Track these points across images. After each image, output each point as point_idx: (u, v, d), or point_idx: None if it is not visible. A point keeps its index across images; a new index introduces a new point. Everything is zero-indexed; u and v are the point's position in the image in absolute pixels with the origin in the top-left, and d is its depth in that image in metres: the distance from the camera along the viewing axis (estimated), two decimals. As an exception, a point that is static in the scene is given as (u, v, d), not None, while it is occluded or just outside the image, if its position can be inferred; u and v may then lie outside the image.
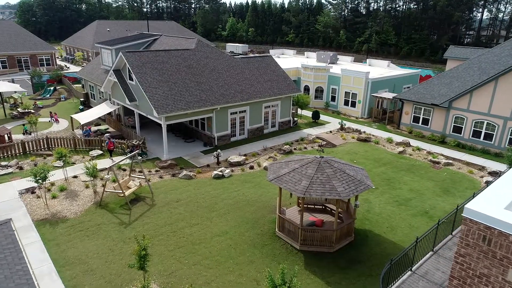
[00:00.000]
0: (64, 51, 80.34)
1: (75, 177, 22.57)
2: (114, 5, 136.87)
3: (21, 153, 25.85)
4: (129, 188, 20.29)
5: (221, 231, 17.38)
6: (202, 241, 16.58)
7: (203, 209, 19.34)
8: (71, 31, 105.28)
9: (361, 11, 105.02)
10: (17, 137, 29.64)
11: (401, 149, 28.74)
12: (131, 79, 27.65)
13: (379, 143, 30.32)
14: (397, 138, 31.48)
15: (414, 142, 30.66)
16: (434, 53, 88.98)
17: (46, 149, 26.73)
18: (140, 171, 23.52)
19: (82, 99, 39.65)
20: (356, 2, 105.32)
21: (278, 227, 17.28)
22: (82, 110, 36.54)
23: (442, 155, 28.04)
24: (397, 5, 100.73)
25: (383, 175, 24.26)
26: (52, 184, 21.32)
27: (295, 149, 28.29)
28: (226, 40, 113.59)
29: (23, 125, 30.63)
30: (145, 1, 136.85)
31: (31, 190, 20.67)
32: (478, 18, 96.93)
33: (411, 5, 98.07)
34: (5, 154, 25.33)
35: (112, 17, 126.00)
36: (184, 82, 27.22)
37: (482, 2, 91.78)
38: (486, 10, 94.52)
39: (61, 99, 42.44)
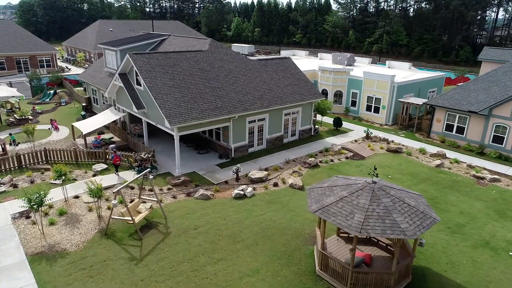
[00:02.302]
0: (65, 51, 77.64)
1: (76, 197, 19.74)
2: (116, 5, 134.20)
3: (16, 167, 23.04)
4: (139, 212, 17.46)
5: (250, 270, 14.52)
6: (230, 284, 13.72)
7: (226, 239, 16.50)
8: (73, 31, 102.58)
9: (370, 10, 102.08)
10: (12, 147, 26.85)
11: (437, 161, 25.85)
12: (139, 84, 24.85)
13: (412, 155, 27.43)
14: (430, 149, 28.59)
15: (450, 154, 27.77)
16: (446, 54, 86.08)
17: (44, 162, 23.93)
18: (150, 190, 20.68)
19: (84, 104, 36.85)
20: (365, 1, 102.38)
21: (319, 265, 14.41)
22: (84, 117, 33.70)
23: (485, 169, 25.14)
24: (408, 4, 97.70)
25: (425, 193, 21.37)
26: (50, 206, 18.50)
27: (320, 161, 25.42)
28: (231, 40, 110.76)
29: (10, 134, 27.76)
30: (148, 0, 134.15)
31: (26, 214, 17.85)
32: (492, 17, 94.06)
33: (423, 4, 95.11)
34: (-2, 169, 22.56)
35: (114, 17, 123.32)
36: (198, 88, 24.39)
37: (497, 1, 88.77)
38: (501, 9, 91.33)
39: (62, 104, 39.65)
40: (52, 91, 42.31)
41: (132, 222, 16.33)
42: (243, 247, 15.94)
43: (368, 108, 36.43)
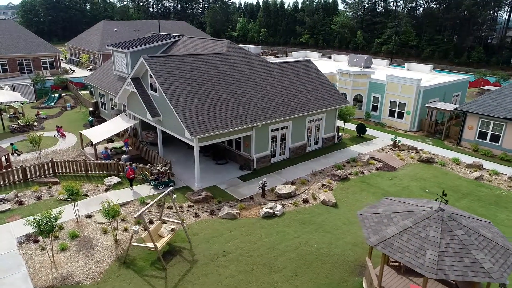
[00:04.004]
0: (68, 52, 75.72)
1: (89, 216, 17.82)
2: (119, 5, 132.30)
3: (21, 181, 21.13)
4: (161, 236, 15.53)
5: (294, 308, 12.62)
6: (274, 328, 11.82)
7: (260, 268, 14.57)
8: (75, 31, 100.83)
9: (379, 10, 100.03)
10: (16, 157, 24.95)
11: (476, 173, 23.92)
12: (153, 89, 22.95)
13: (446, 165, 25.50)
14: (464, 158, 26.65)
15: (486, 164, 25.83)
16: (458, 55, 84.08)
17: (52, 174, 22.04)
18: (169, 207, 18.77)
19: (91, 109, 34.94)
20: (373, 1, 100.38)
21: (375, 304, 12.49)
22: (91, 123, 31.86)
23: (529, 182, 23.24)
24: (417, 4, 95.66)
25: (470, 211, 19.44)
26: (60, 227, 16.60)
27: (350, 173, 23.50)
28: (236, 41, 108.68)
29: (11, 144, 25.69)
30: (151, 0, 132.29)
31: (34, 238, 15.95)
32: (503, 18, 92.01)
33: (433, 4, 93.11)
34: (2, 183, 20.63)
35: (117, 17, 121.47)
36: (218, 94, 22.48)
37: (510, 1, 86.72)
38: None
39: (67, 108, 37.74)
40: (56, 95, 40.38)
41: (154, 249, 14.42)
42: (282, 278, 14.01)
43: (391, 114, 34.47)
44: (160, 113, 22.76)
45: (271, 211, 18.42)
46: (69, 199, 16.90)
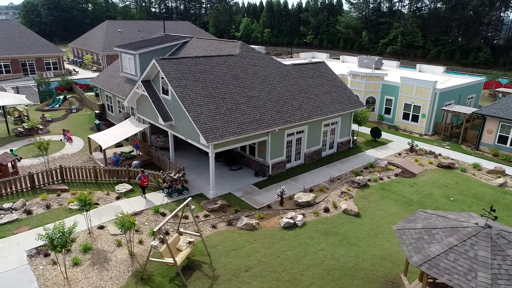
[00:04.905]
0: (71, 53, 74.93)
1: (101, 227, 16.97)
2: (122, 5, 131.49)
3: (29, 188, 20.29)
4: (179, 250, 14.68)
5: (327, 331, 11.76)
6: None
7: (286, 284, 13.71)
8: (77, 31, 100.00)
9: (384, 10, 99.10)
10: (22, 162, 24.11)
11: (499, 180, 23.06)
12: (165, 93, 22.10)
13: (467, 171, 24.63)
14: (485, 164, 25.78)
15: (509, 170, 24.97)
16: (465, 56, 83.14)
17: (60, 181, 21.19)
18: (184, 217, 17.91)
19: (97, 112, 34.11)
20: (378, 1, 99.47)
21: (414, 327, 11.64)
22: (98, 126, 31.06)
23: (555, 189, 22.37)
24: (423, 4, 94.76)
25: (499, 221, 18.53)
26: (73, 240, 15.72)
27: (369, 180, 22.64)
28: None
29: (11, 150, 24.71)
30: (153, 0, 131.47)
31: (44, 251, 15.10)
32: (510, 18, 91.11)
33: (439, 5, 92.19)
34: (9, 191, 19.78)
35: (119, 17, 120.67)
36: (233, 98, 21.62)
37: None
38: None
39: (73, 111, 36.89)
40: (61, 97, 39.55)
41: (173, 264, 13.56)
42: (310, 296, 13.17)
43: (405, 116, 33.60)
44: (172, 118, 21.92)
45: (291, 221, 17.56)
46: (81, 210, 16.00)
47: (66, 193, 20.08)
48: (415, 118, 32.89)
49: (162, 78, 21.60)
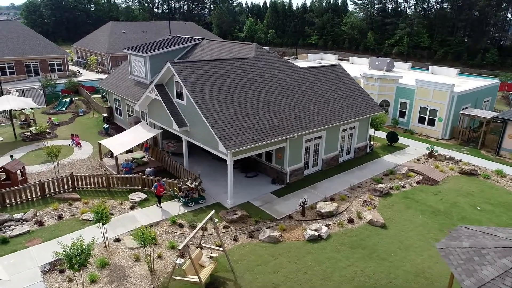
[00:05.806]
0: (74, 54, 74.17)
1: (117, 240, 16.17)
2: (124, 6, 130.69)
3: (39, 197, 19.49)
4: (202, 266, 13.88)
5: None
6: None
7: (318, 304, 12.91)
8: (80, 32, 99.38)
9: (389, 11, 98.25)
10: (31, 169, 23.32)
11: (526, 188, 22.25)
12: (179, 97, 21.31)
13: (490, 178, 23.80)
14: (508, 170, 24.96)
15: (534, 177, 24.17)
16: (472, 57, 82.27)
17: (71, 189, 20.38)
18: (203, 228, 17.07)
19: (105, 115, 33.31)
20: (384, 1, 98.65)
21: None
22: (107, 130, 30.29)
23: None
24: (429, 4, 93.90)
25: (531, 232, 17.72)
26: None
27: (391, 188, 21.81)
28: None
29: (11, 156, 23.82)
30: (156, 1, 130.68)
31: (59, 267, 14.30)
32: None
33: (445, 5, 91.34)
34: (19, 200, 18.99)
35: (122, 17, 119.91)
36: (251, 103, 20.82)
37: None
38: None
39: (79, 114, 36.08)
40: (68, 99, 38.75)
41: (197, 282, 12.75)
42: (344, 318, 12.35)
43: (421, 120, 32.76)
44: (187, 123, 21.12)
45: (316, 233, 16.74)
46: (97, 222, 15.20)
47: (78, 202, 19.28)
48: (432, 122, 32.05)
49: (177, 82, 20.82)
